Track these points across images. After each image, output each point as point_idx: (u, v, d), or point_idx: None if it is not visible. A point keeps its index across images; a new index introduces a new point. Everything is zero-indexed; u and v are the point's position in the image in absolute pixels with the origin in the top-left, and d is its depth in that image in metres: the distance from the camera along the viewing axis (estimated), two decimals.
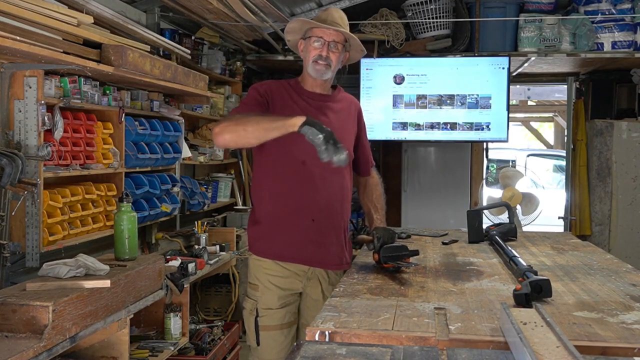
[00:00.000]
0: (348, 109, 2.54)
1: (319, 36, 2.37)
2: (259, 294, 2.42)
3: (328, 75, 2.42)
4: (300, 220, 2.37)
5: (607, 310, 1.72)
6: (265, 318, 2.39)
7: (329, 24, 2.37)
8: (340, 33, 2.39)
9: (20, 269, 2.68)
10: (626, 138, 5.49)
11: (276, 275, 2.41)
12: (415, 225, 4.69)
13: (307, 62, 2.42)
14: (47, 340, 2.02)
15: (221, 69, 4.93)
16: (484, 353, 1.40)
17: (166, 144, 3.81)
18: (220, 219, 4.81)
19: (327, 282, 2.45)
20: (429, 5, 5.20)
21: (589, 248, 2.80)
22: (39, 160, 2.62)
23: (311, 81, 2.45)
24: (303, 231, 2.38)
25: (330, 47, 2.38)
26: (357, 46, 2.49)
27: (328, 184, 2.35)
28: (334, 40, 2.38)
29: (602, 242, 5.44)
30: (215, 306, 4.56)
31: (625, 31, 5.13)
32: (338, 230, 2.45)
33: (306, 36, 2.42)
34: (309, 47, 2.40)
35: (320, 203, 2.36)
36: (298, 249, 2.39)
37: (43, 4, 2.49)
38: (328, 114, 2.43)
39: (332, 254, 2.44)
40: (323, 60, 2.37)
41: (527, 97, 10.13)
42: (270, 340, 2.39)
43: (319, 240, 2.40)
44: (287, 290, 2.42)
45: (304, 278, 2.43)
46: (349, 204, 2.51)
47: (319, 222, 2.38)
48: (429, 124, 5.40)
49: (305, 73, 2.45)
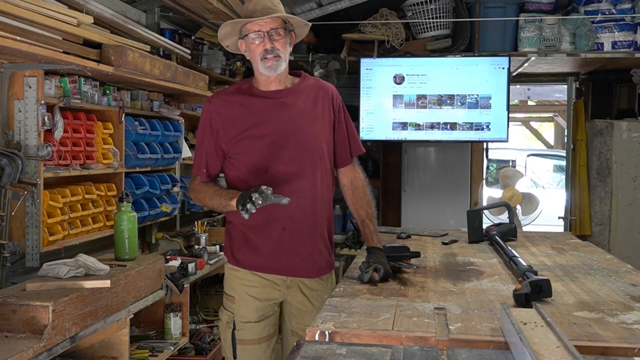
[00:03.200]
0: (315, 96, 2.30)
1: (256, 30, 2.17)
2: (235, 306, 2.29)
3: (282, 67, 2.22)
4: (271, 230, 2.24)
5: (607, 310, 1.72)
6: (242, 332, 2.26)
7: (260, 14, 2.16)
8: (275, 18, 2.18)
9: (20, 269, 2.68)
10: (626, 138, 5.49)
11: (253, 285, 2.27)
12: (415, 225, 4.68)
13: (255, 61, 2.22)
14: (47, 340, 2.02)
15: (221, 69, 4.93)
16: (484, 353, 1.40)
17: (166, 144, 3.81)
18: (220, 219, 4.80)
19: (309, 289, 2.31)
20: (429, 5, 5.20)
21: (589, 248, 2.80)
22: (39, 160, 2.62)
23: (264, 79, 2.25)
24: (275, 241, 2.24)
25: (271, 36, 2.17)
26: (298, 22, 2.28)
27: (295, 189, 2.18)
28: (272, 27, 2.17)
29: (602, 242, 5.44)
30: (215, 306, 4.54)
31: (625, 31, 5.13)
32: (313, 236, 2.28)
33: (243, 35, 2.22)
34: (250, 45, 2.20)
35: (289, 210, 2.16)
36: (272, 259, 2.26)
37: (43, 4, 2.49)
38: (285, 110, 2.25)
39: (307, 262, 2.28)
40: (270, 53, 2.17)
41: (527, 97, 10.13)
42: (248, 356, 2.26)
43: (291, 248, 2.25)
44: (265, 302, 2.28)
45: (282, 287, 2.29)
46: (325, 204, 2.33)
47: (289, 230, 2.23)
48: (429, 124, 5.39)
49: (257, 73, 2.25)
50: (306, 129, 2.26)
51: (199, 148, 2.36)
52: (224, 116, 2.27)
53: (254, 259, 2.28)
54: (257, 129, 2.23)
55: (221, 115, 2.27)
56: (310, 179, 2.26)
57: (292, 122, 2.24)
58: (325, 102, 2.32)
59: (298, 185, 2.22)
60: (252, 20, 2.17)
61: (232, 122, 2.25)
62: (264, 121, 2.24)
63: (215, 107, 2.30)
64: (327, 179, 2.33)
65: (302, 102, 2.29)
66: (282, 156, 2.22)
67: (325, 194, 2.32)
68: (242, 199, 2.03)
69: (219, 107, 2.29)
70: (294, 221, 2.24)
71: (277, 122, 2.24)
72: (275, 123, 2.24)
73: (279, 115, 2.24)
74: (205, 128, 2.31)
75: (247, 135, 2.23)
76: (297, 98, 2.29)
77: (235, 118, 2.25)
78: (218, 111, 2.28)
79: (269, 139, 2.22)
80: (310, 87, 2.32)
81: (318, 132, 2.29)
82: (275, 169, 2.21)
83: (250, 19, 2.17)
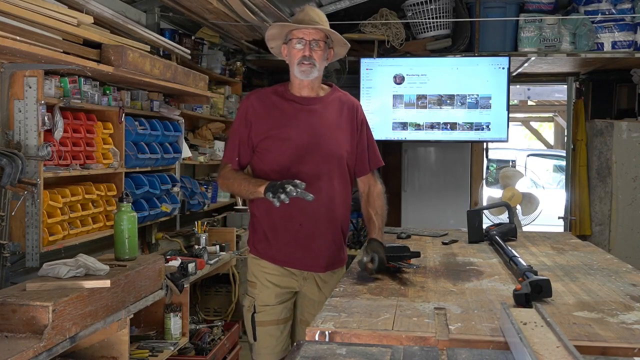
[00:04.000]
0: (341, 108, 2.52)
1: (300, 37, 2.40)
2: (256, 291, 2.49)
3: (314, 75, 2.43)
4: (289, 226, 2.43)
5: (607, 310, 1.72)
6: (262, 314, 2.47)
7: (306, 24, 2.39)
8: (319, 30, 2.40)
9: (20, 269, 2.68)
10: (626, 138, 5.49)
11: (273, 273, 2.48)
12: (415, 225, 4.68)
13: (292, 65, 2.44)
14: (47, 340, 2.02)
15: (221, 69, 4.93)
16: (484, 353, 1.40)
17: (166, 144, 3.81)
18: (220, 219, 4.81)
19: (323, 282, 2.51)
20: (429, 5, 5.20)
21: (589, 248, 2.80)
22: (39, 160, 2.62)
23: (298, 83, 2.47)
24: (292, 237, 2.44)
25: (312, 46, 2.40)
26: (339, 41, 2.49)
27: (315, 190, 2.30)
28: (314, 38, 2.40)
29: (602, 242, 5.44)
30: (215, 306, 4.55)
31: (625, 31, 5.13)
32: (326, 234, 2.47)
33: (287, 39, 2.45)
34: (291, 50, 2.43)
35: (307, 209, 2.36)
36: (288, 253, 2.46)
37: (43, 4, 2.49)
38: (313, 116, 2.46)
39: (320, 258, 2.47)
40: (307, 60, 2.39)
41: (527, 97, 10.12)
42: (267, 335, 2.46)
43: (306, 245, 2.45)
44: (284, 289, 2.48)
45: (299, 278, 2.49)
46: (341, 207, 2.51)
47: (305, 227, 2.43)
48: (429, 124, 5.40)
49: (293, 76, 2.47)
50: (330, 136, 2.46)
51: (233, 137, 2.53)
52: (259, 112, 2.47)
53: (272, 252, 2.48)
54: (285, 131, 2.43)
55: (256, 110, 2.47)
56: (329, 183, 2.45)
57: (318, 129, 2.45)
58: (350, 114, 2.53)
59: (317, 187, 2.36)
60: (299, 27, 2.40)
61: (264, 119, 2.45)
62: (292, 124, 2.44)
63: (252, 102, 2.50)
64: (345, 184, 2.52)
65: (329, 111, 2.50)
66: (305, 158, 2.42)
67: (341, 198, 2.50)
68: (273, 187, 2.21)
69: (255, 103, 2.49)
70: (310, 219, 2.42)
71: (304, 126, 2.44)
72: (303, 127, 2.44)
73: (306, 121, 2.45)
74: (241, 119, 2.50)
75: (275, 134, 2.43)
76: (325, 107, 2.50)
77: (267, 116, 2.46)
78: (254, 106, 2.48)
79: (295, 141, 2.42)
80: (338, 99, 2.54)
81: (340, 140, 2.49)
82: (298, 169, 2.39)
83: (298, 25, 2.40)
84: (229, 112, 5.13)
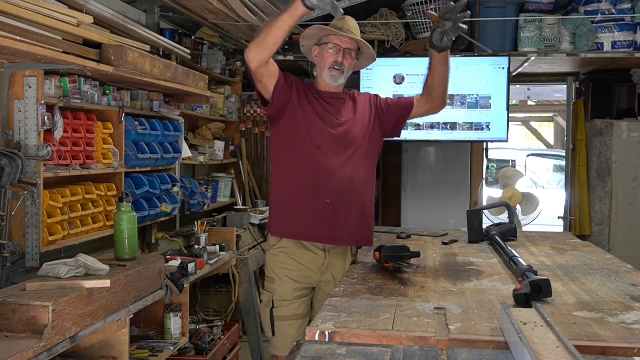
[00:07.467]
0: (363, 103, 2.64)
1: (336, 43, 2.52)
2: (275, 286, 2.55)
3: (341, 81, 2.57)
4: (315, 201, 2.48)
5: (607, 310, 1.72)
6: (280, 309, 2.53)
7: (344, 32, 2.51)
8: (355, 41, 2.53)
9: (20, 269, 2.68)
10: (626, 138, 5.49)
11: (291, 269, 2.54)
12: (415, 225, 4.68)
13: (322, 68, 2.55)
14: (47, 340, 2.02)
15: (221, 69, 4.93)
16: (484, 353, 1.40)
17: (166, 144, 3.81)
18: (220, 219, 4.80)
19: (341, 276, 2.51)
20: (429, 6, 5.20)
21: (589, 248, 2.80)
22: (39, 160, 2.62)
23: (324, 86, 2.58)
24: (318, 211, 2.48)
25: (345, 53, 2.52)
26: (368, 54, 2.61)
27: (343, 167, 2.46)
28: (348, 47, 2.53)
29: (602, 242, 5.44)
30: (215, 306, 4.55)
31: (625, 31, 5.12)
32: (353, 210, 2.53)
33: (321, 42, 2.55)
34: (324, 53, 2.54)
35: (334, 185, 2.47)
36: (313, 227, 2.49)
37: (43, 4, 2.49)
38: (345, 111, 2.57)
39: (345, 232, 2.52)
40: (338, 66, 2.51)
41: (527, 97, 10.12)
42: (286, 329, 2.51)
43: (332, 219, 2.49)
44: (301, 283, 2.55)
45: (318, 273, 2.54)
46: (365, 186, 2.57)
47: (332, 202, 2.48)
48: (428, 123, 5.39)
49: (320, 79, 2.58)
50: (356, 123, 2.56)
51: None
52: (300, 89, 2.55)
53: (295, 228, 2.52)
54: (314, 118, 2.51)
55: (298, 86, 2.56)
56: (355, 162, 2.53)
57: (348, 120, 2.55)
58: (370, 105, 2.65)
59: (345, 165, 2.49)
60: (338, 34, 2.52)
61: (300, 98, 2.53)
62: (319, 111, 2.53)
63: (293, 79, 2.57)
64: (370, 168, 2.61)
65: (354, 103, 2.62)
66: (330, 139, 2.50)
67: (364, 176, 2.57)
68: None
69: (297, 81, 2.58)
70: (338, 195, 2.49)
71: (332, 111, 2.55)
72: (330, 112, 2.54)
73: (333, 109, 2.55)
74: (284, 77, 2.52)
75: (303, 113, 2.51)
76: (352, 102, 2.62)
77: (304, 97, 2.54)
78: (297, 82, 2.57)
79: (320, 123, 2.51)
80: (359, 95, 2.68)
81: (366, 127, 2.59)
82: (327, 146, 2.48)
83: (338, 31, 2.51)
84: (229, 112, 5.13)
